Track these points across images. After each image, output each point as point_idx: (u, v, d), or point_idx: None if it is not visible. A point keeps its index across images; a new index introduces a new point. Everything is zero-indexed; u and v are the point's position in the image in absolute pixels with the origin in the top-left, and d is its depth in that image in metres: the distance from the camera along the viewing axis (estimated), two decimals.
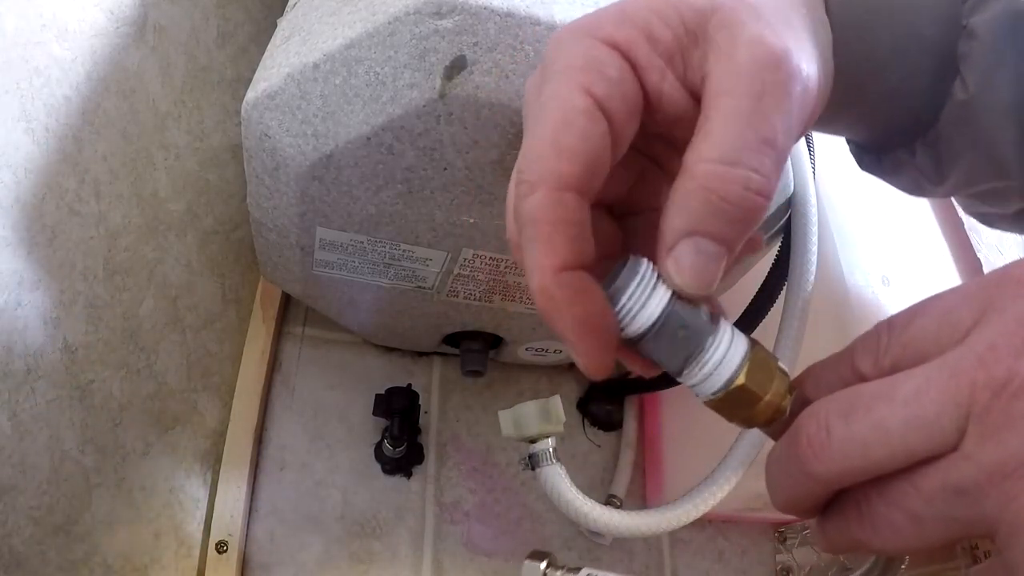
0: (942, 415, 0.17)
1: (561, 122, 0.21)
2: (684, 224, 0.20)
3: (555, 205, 0.21)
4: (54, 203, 0.40)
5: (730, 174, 0.19)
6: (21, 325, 0.38)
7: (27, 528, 0.38)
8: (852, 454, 0.18)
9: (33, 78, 0.38)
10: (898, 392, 0.18)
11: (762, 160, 0.20)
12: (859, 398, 0.19)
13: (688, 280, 0.20)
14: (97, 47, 0.44)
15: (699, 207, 0.20)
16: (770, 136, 0.20)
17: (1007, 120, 0.26)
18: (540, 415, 0.44)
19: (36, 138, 0.38)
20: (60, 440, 0.41)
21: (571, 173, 0.21)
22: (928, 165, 0.29)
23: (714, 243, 0.20)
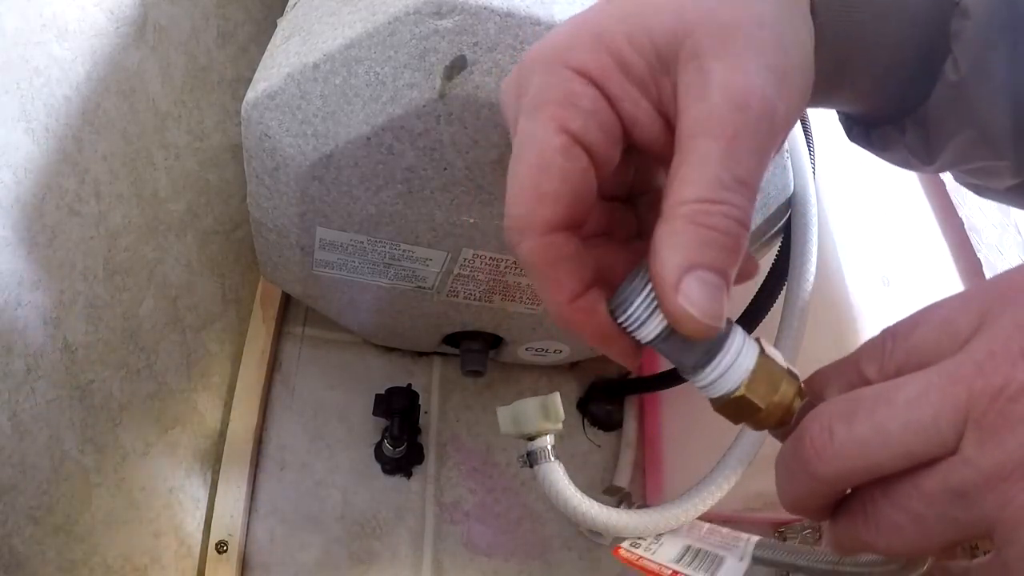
0: (940, 418, 0.17)
1: (539, 166, 0.22)
2: (681, 259, 0.21)
3: (546, 249, 0.22)
4: (54, 203, 0.40)
5: (712, 208, 0.20)
6: (21, 325, 0.38)
7: (27, 528, 0.38)
8: (853, 455, 0.19)
9: (33, 78, 0.38)
10: (898, 396, 0.18)
11: (738, 198, 0.21)
12: (861, 402, 0.19)
13: (701, 314, 0.21)
14: (97, 47, 0.44)
15: (691, 240, 0.21)
16: (744, 176, 0.21)
17: (1000, 101, 0.25)
18: (539, 412, 0.44)
19: (36, 138, 0.39)
20: (60, 440, 0.41)
21: (555, 216, 0.22)
22: (917, 143, 0.29)
23: (714, 274, 0.21)
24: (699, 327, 0.21)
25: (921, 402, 0.18)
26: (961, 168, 0.30)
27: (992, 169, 0.29)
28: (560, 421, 0.45)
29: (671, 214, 0.21)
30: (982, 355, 0.18)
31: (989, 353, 0.17)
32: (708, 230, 0.20)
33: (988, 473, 0.17)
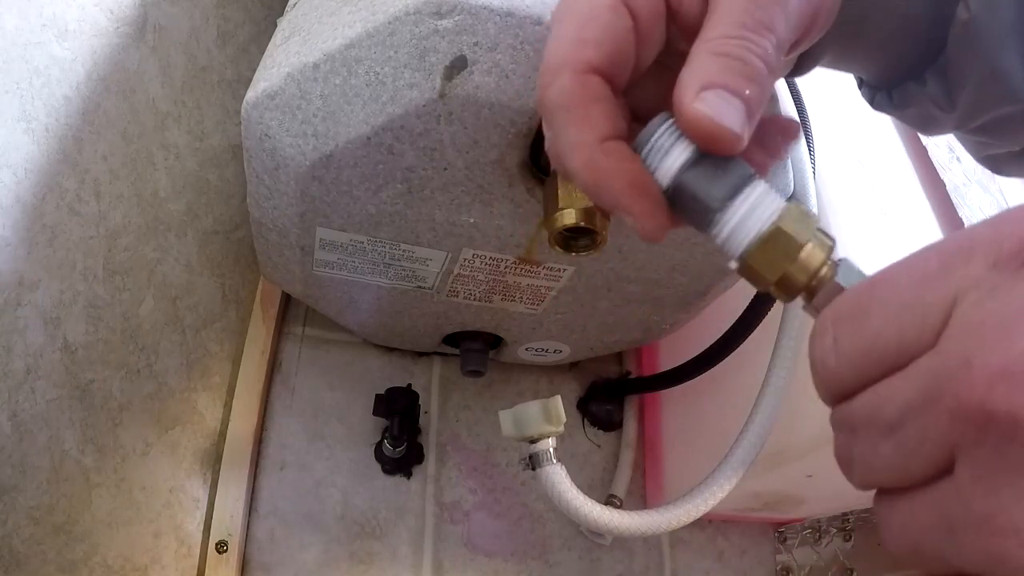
0: (924, 445, 0.16)
1: (585, 16, 0.22)
2: (701, 79, 0.21)
3: (581, 87, 0.22)
4: (54, 203, 0.40)
5: (733, 42, 0.21)
6: (21, 325, 0.38)
7: (27, 528, 0.38)
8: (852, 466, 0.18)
9: (33, 78, 0.38)
10: (883, 415, 0.17)
11: (761, 40, 0.21)
12: (852, 423, 0.18)
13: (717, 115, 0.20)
14: (97, 47, 0.44)
15: (711, 66, 0.21)
16: (767, 21, 0.21)
17: (1010, 40, 0.25)
18: (541, 415, 0.44)
19: (36, 138, 0.38)
20: (60, 440, 0.41)
21: (594, 58, 0.22)
22: (939, 92, 0.29)
23: (732, 94, 0.21)
24: (715, 128, 0.20)
25: (906, 427, 0.16)
26: (981, 120, 0.30)
27: (1009, 120, 0.29)
28: (562, 424, 0.45)
29: (694, 52, 0.21)
30: (957, 364, 0.15)
31: (964, 363, 0.15)
32: (729, 59, 0.21)
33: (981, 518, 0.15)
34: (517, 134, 0.37)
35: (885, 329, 0.17)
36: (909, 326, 0.16)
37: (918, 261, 0.17)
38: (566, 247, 0.36)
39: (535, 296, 0.52)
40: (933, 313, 0.16)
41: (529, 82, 0.34)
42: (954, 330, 0.16)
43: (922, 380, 0.16)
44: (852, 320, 0.18)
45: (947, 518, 0.15)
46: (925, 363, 0.16)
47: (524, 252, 0.46)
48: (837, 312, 0.18)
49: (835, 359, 0.18)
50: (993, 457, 0.14)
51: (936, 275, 0.16)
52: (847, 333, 0.18)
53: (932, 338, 0.16)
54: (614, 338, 0.60)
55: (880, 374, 0.17)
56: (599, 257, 0.46)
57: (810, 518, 0.71)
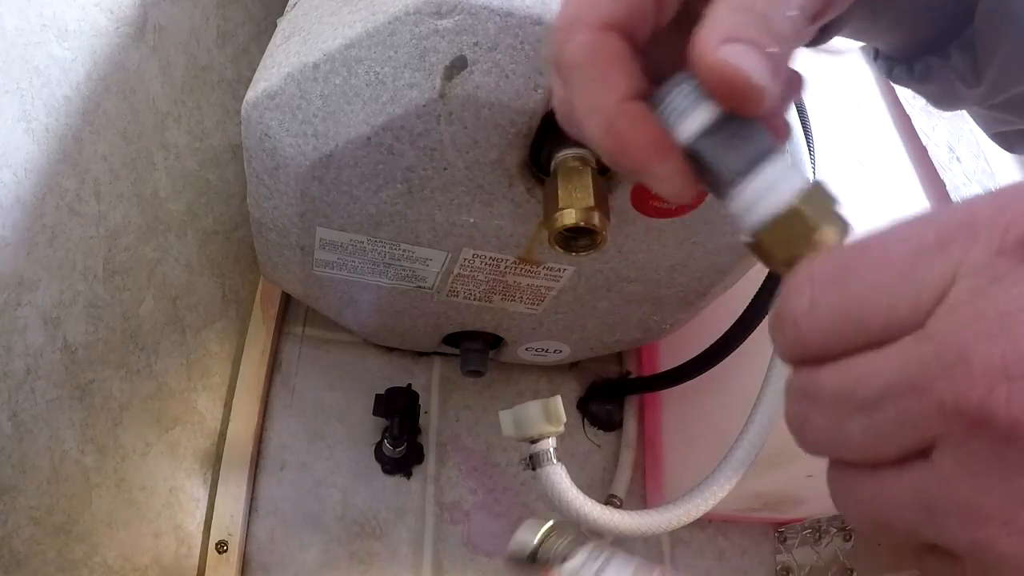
0: (902, 430, 0.15)
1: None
2: (721, 32, 0.19)
3: (600, 44, 0.20)
4: (54, 203, 0.40)
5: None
6: (21, 325, 0.38)
7: (27, 528, 0.38)
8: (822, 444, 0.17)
9: (33, 78, 0.38)
10: (856, 394, 0.16)
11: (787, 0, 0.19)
12: (817, 394, 0.17)
13: (739, 63, 0.19)
14: (97, 47, 0.44)
15: (733, 18, 0.19)
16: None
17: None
18: (541, 415, 0.44)
19: (36, 138, 0.38)
20: (60, 440, 0.41)
21: (612, 14, 0.20)
22: (964, 66, 0.29)
23: (754, 48, 0.19)
24: (739, 78, 0.19)
25: (883, 405, 0.16)
26: (1005, 95, 0.30)
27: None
28: (562, 424, 0.45)
29: (713, 7, 0.20)
30: (952, 355, 0.15)
31: (961, 355, 0.15)
32: (752, 14, 0.19)
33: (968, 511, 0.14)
34: (517, 134, 0.37)
35: (871, 298, 0.16)
36: (900, 300, 0.15)
37: (913, 231, 0.16)
38: (566, 247, 0.36)
39: (535, 296, 0.52)
40: (927, 291, 0.15)
41: (529, 82, 0.34)
42: (949, 316, 0.15)
43: (909, 364, 0.15)
44: (834, 284, 0.17)
45: (925, 501, 0.15)
46: (913, 347, 0.15)
47: (524, 252, 0.46)
48: (817, 272, 0.17)
49: (808, 323, 0.17)
50: (987, 455, 0.14)
51: (933, 250, 0.15)
52: (827, 297, 0.17)
53: (923, 318, 0.15)
54: (614, 338, 0.60)
55: (857, 346, 0.16)
56: (599, 257, 0.46)
57: (810, 518, 0.71)
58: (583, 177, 0.35)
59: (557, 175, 0.36)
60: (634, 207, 0.41)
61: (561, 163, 0.36)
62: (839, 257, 0.17)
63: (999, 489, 0.14)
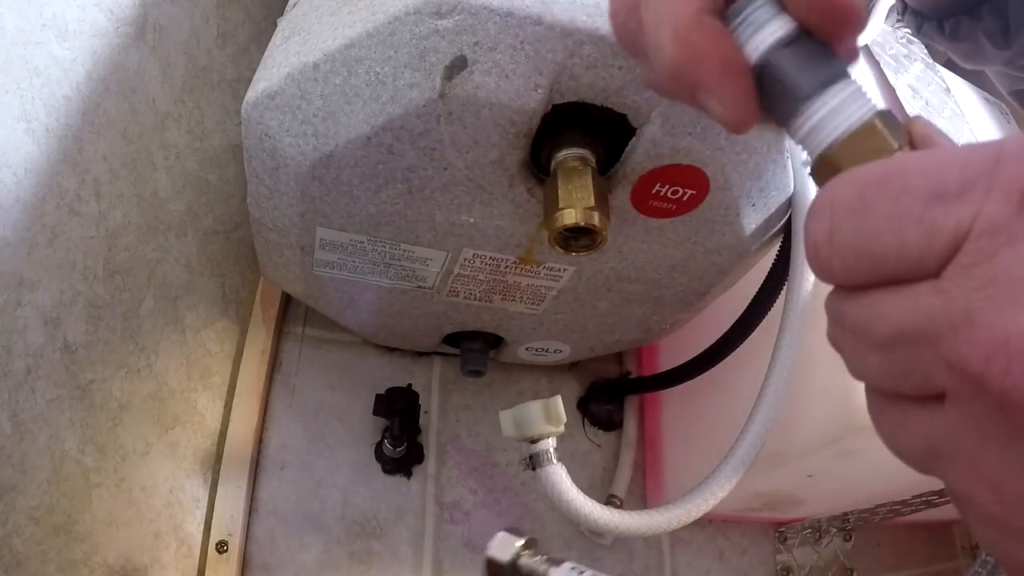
0: (915, 374, 0.16)
1: None
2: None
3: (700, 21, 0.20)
4: (54, 203, 0.40)
5: None
6: (21, 325, 0.38)
7: (27, 528, 0.38)
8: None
9: (33, 78, 0.38)
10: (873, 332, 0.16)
11: None
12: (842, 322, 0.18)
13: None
14: (97, 47, 0.44)
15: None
16: None
17: None
18: (541, 415, 0.44)
19: (36, 138, 0.38)
20: (60, 440, 0.41)
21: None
22: (995, 29, 0.28)
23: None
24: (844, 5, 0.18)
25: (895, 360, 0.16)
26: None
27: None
28: (562, 424, 0.45)
29: None
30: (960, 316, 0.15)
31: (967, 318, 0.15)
32: None
33: None
34: (517, 134, 0.37)
35: (886, 234, 0.16)
36: (914, 242, 0.15)
37: (936, 168, 0.16)
38: (566, 247, 0.37)
39: (535, 296, 0.52)
40: (942, 237, 0.15)
41: (529, 82, 0.34)
42: (961, 275, 0.15)
43: (919, 314, 0.15)
44: (853, 212, 0.16)
45: (933, 444, 0.16)
46: (925, 297, 0.15)
47: (524, 252, 0.46)
48: (838, 197, 0.17)
49: (829, 249, 0.17)
50: (985, 417, 0.15)
51: (954, 194, 0.15)
52: (845, 226, 0.17)
53: (935, 265, 0.15)
54: (614, 338, 0.60)
55: (874, 281, 0.16)
56: (599, 257, 0.46)
57: (810, 518, 0.71)
58: (583, 177, 0.35)
59: (557, 175, 0.36)
60: (634, 207, 0.41)
61: (561, 163, 0.36)
62: (861, 182, 0.17)
63: (995, 455, 0.15)
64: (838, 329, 0.18)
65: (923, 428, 0.16)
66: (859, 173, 0.17)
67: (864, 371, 0.17)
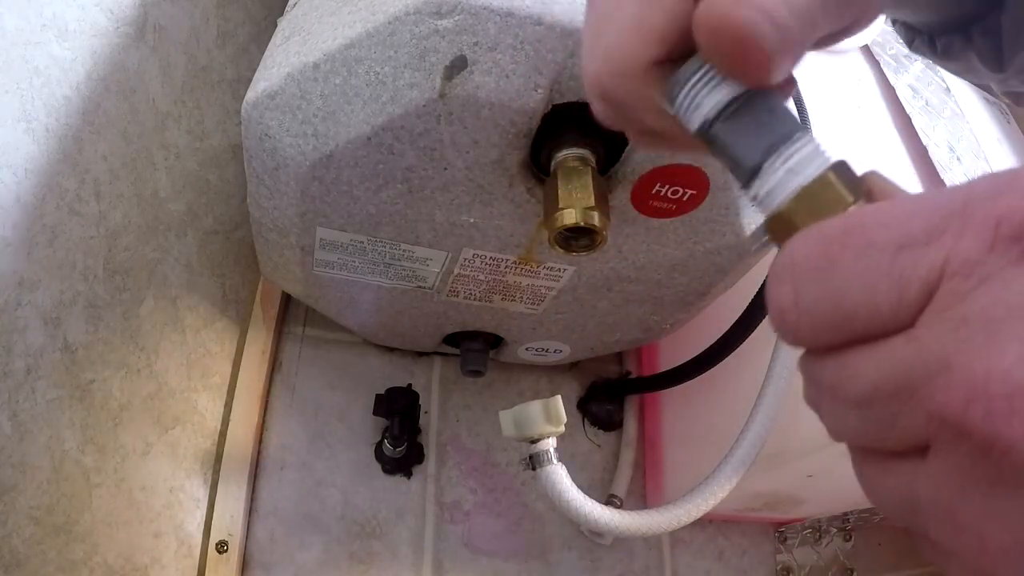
0: (895, 430, 0.15)
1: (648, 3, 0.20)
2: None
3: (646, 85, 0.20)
4: (54, 203, 0.40)
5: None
6: (21, 325, 0.38)
7: (27, 528, 0.38)
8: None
9: (33, 78, 0.38)
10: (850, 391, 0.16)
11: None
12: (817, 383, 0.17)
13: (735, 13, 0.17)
14: (97, 47, 0.44)
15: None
16: None
17: None
18: (541, 415, 0.44)
19: (36, 138, 0.38)
20: (60, 440, 0.41)
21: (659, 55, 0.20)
22: (987, 51, 0.28)
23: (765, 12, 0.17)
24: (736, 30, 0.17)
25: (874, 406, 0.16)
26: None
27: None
28: (562, 424, 0.45)
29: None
30: (936, 363, 0.14)
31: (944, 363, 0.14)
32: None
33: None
34: (517, 134, 0.37)
35: (854, 292, 0.15)
36: (884, 297, 0.15)
37: (899, 218, 0.15)
38: (566, 247, 0.36)
39: (535, 296, 0.52)
40: (913, 289, 0.14)
41: (529, 82, 0.34)
42: (935, 321, 0.14)
43: (896, 367, 0.15)
44: (816, 272, 0.16)
45: (914, 499, 0.15)
46: (900, 349, 0.15)
47: (524, 252, 0.46)
48: (799, 258, 0.16)
49: (796, 315, 0.16)
50: (968, 465, 0.14)
51: (920, 242, 0.15)
52: (809, 287, 0.16)
53: (909, 318, 0.15)
54: (614, 338, 0.60)
55: (846, 341, 0.16)
56: (599, 257, 0.46)
57: (810, 518, 0.71)
58: (583, 177, 0.35)
59: (557, 175, 0.36)
60: (634, 207, 0.41)
61: (561, 163, 0.36)
62: (823, 239, 0.16)
63: (978, 504, 0.14)
64: (814, 390, 0.17)
65: (905, 481, 0.16)
66: (820, 230, 0.16)
67: (843, 431, 0.17)
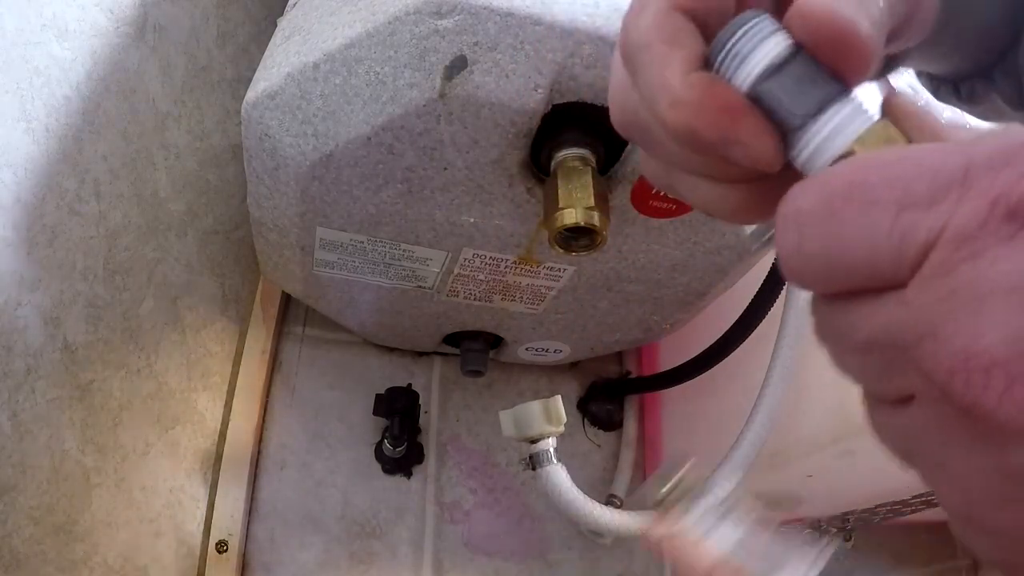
0: (889, 380, 0.16)
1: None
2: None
3: (668, 20, 0.20)
4: (54, 203, 0.40)
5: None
6: (21, 325, 0.38)
7: (27, 528, 0.38)
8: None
9: (33, 78, 0.38)
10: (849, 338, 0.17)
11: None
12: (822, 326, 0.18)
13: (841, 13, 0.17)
14: (97, 47, 0.44)
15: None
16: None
17: None
18: (541, 415, 0.44)
19: (36, 138, 0.38)
20: (60, 440, 0.41)
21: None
22: (1010, 90, 0.28)
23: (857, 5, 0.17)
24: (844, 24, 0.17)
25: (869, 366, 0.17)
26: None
27: None
28: (562, 424, 0.45)
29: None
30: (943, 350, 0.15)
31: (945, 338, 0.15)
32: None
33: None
34: (517, 134, 0.37)
35: (856, 248, 0.16)
36: (884, 255, 0.15)
37: (904, 174, 0.16)
38: (566, 247, 0.37)
39: (535, 296, 0.52)
40: (912, 248, 0.15)
41: (529, 82, 0.34)
42: (925, 287, 0.15)
43: (889, 324, 0.16)
44: (819, 220, 0.16)
45: (908, 446, 0.17)
46: (893, 307, 0.15)
47: (524, 252, 0.46)
48: (804, 206, 0.17)
49: (799, 263, 0.17)
50: (951, 422, 0.15)
51: (923, 203, 0.15)
52: (813, 234, 0.16)
53: (907, 274, 0.15)
54: (614, 338, 0.60)
55: (848, 290, 0.16)
56: (599, 257, 0.46)
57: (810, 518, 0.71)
58: (583, 177, 0.35)
59: (557, 175, 0.36)
60: (634, 207, 0.41)
61: (561, 163, 0.36)
62: (827, 191, 0.16)
63: (960, 459, 0.15)
64: (820, 330, 0.18)
65: (899, 430, 0.17)
66: (823, 181, 0.17)
67: (846, 371, 0.18)
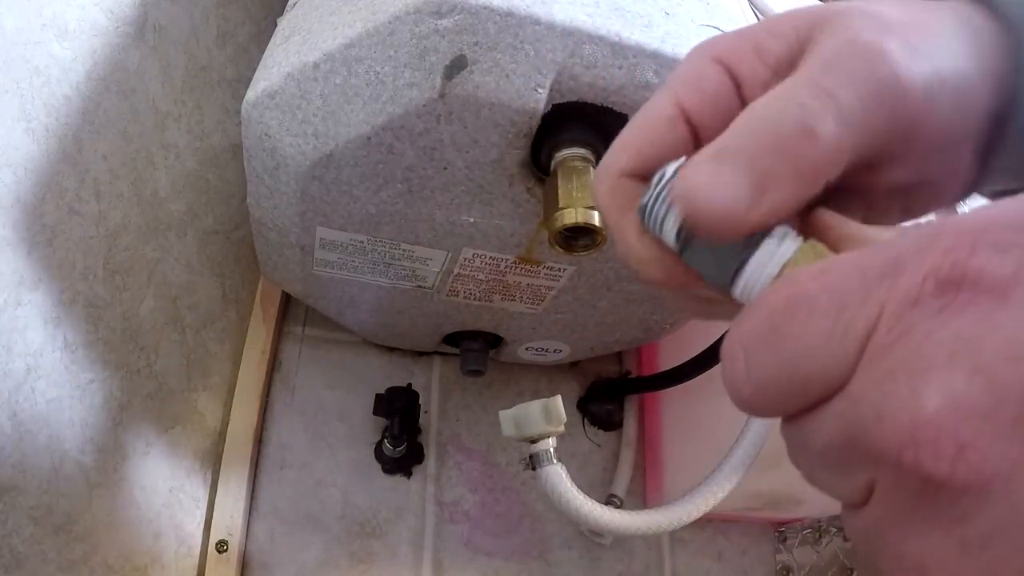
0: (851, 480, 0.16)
1: (640, 127, 0.22)
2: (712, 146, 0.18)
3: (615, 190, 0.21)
4: (54, 203, 0.40)
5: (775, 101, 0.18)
6: (21, 325, 0.38)
7: (27, 528, 0.38)
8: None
9: (33, 78, 0.38)
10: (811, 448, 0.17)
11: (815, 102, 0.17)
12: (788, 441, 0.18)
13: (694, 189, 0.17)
14: (97, 47, 0.44)
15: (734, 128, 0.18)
16: (831, 89, 0.17)
17: None
18: (541, 415, 0.44)
19: (36, 138, 0.38)
20: (60, 440, 0.41)
21: (628, 164, 0.21)
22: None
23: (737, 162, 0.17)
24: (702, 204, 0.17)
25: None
26: None
27: None
28: (562, 424, 0.45)
29: None
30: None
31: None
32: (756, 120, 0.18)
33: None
34: (517, 134, 0.37)
35: (804, 360, 0.16)
36: (831, 360, 0.15)
37: (837, 278, 0.16)
38: (566, 247, 0.37)
39: (535, 296, 0.52)
40: (853, 343, 0.15)
41: (529, 82, 0.34)
42: (864, 373, 0.15)
43: (840, 423, 0.16)
44: (765, 344, 0.16)
45: (868, 546, 0.16)
46: (843, 405, 0.16)
47: (524, 252, 0.46)
48: (747, 333, 0.17)
49: (750, 389, 0.17)
50: (906, 505, 0.15)
51: (857, 299, 0.15)
52: (760, 359, 0.16)
53: (853, 370, 0.15)
54: (614, 338, 0.60)
55: (803, 406, 0.16)
56: (599, 257, 0.46)
57: (810, 518, 0.71)
58: (583, 176, 0.35)
59: (557, 175, 0.36)
60: None
61: (561, 163, 0.36)
62: (767, 315, 0.16)
63: (916, 540, 0.15)
64: (790, 452, 0.18)
65: (861, 531, 0.16)
66: (761, 302, 0.17)
67: (822, 488, 0.18)
